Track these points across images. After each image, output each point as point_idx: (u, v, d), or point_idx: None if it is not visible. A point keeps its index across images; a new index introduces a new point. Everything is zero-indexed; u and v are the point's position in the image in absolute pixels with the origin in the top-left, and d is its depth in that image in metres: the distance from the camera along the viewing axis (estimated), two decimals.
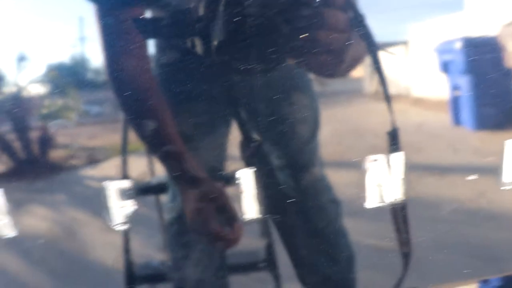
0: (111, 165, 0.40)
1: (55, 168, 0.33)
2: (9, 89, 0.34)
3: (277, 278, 0.47)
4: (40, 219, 0.39)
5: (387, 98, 0.44)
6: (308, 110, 0.45)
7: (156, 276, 0.58)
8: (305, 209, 0.47)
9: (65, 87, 0.32)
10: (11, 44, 0.30)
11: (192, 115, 0.40)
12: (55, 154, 0.33)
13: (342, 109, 0.52)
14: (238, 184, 0.38)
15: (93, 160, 0.33)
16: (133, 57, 0.35)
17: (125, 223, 0.38)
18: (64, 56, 0.31)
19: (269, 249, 0.47)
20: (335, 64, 0.38)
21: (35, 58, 0.32)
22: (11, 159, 0.34)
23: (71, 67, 0.32)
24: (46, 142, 0.33)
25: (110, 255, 0.47)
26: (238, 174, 0.38)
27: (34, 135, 0.32)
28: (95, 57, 0.34)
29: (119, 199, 0.37)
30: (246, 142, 0.41)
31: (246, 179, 0.38)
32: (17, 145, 0.34)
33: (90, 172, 0.39)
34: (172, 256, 0.53)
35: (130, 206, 0.39)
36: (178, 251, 0.52)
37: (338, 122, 0.48)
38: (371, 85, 0.43)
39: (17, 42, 0.31)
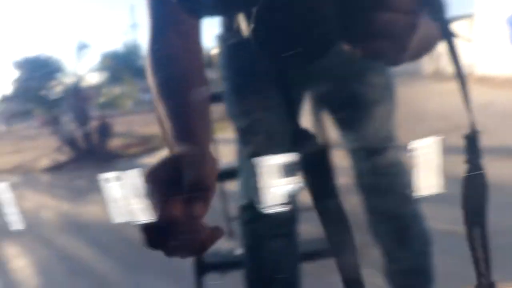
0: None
1: (114, 157, 0.34)
2: (69, 79, 0.39)
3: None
4: (102, 207, 0.38)
5: (465, 95, 0.39)
6: (383, 90, 0.42)
7: (225, 263, 0.47)
8: (380, 193, 0.41)
9: (120, 75, 0.35)
10: (69, 34, 0.37)
11: (260, 101, 0.39)
12: (113, 143, 0.35)
13: (399, 91, 0.49)
14: None
15: (150, 148, 0.34)
16: (179, 37, 0.37)
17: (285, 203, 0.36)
18: (117, 44, 0.36)
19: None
20: (396, 51, 0.36)
21: (92, 46, 0.37)
22: (72, 149, 0.37)
23: (124, 55, 0.36)
24: (105, 131, 0.35)
25: None
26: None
27: (93, 124, 0.35)
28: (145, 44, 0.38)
29: (279, 176, 0.36)
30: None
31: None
32: (77, 135, 0.37)
33: (148, 160, 0.39)
34: (245, 243, 0.45)
35: (294, 182, 0.36)
36: (251, 239, 0.45)
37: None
38: (430, 65, 0.42)
39: (75, 32, 0.37)
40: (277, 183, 0.35)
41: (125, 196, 0.34)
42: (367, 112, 0.40)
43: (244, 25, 0.35)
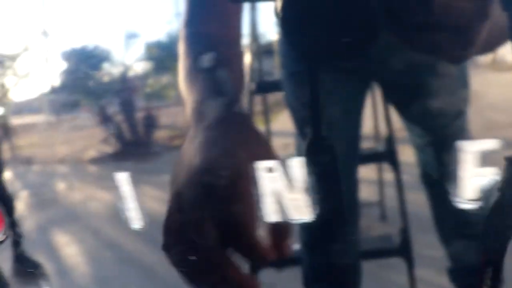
0: None
1: (160, 149, 0.33)
2: (116, 69, 0.37)
3: (411, 264, 0.36)
4: (149, 200, 0.37)
5: None
6: (455, 81, 0.38)
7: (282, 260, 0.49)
8: (448, 192, 0.38)
9: (165, 65, 0.33)
10: (114, 23, 0.35)
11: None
12: (159, 135, 0.34)
13: None
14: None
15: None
16: (217, 21, 0.35)
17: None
18: (161, 34, 0.34)
19: (404, 234, 0.37)
20: (459, 47, 0.31)
21: (140, 36, 0.35)
22: (118, 140, 0.36)
23: (169, 44, 0.34)
24: (151, 122, 0.34)
25: None
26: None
27: (139, 115, 0.34)
28: None
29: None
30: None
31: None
32: (124, 126, 0.35)
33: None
34: (304, 240, 0.44)
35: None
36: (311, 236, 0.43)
37: None
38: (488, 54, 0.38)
39: (120, 21, 0.35)
40: None
41: (279, 190, 0.32)
42: (435, 105, 0.37)
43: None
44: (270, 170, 0.31)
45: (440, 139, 0.39)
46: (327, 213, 0.34)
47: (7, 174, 0.46)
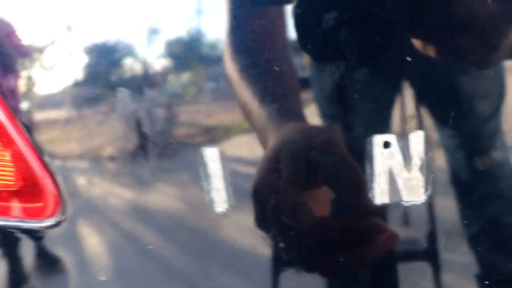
0: (232, 144, 0.38)
1: (179, 147, 0.33)
2: (138, 65, 0.37)
3: (437, 268, 0.36)
4: (167, 197, 0.37)
5: None
6: (489, 82, 0.38)
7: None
8: (480, 196, 0.37)
9: (185, 62, 0.33)
10: (139, 18, 0.35)
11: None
12: (178, 132, 0.34)
13: None
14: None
15: (213, 139, 0.33)
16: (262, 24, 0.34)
17: None
18: (181, 30, 0.34)
19: (432, 237, 0.37)
20: (484, 51, 0.30)
21: (162, 32, 0.35)
22: (138, 137, 0.36)
23: (189, 41, 0.34)
24: (170, 120, 0.34)
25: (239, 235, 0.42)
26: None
27: (159, 112, 0.34)
28: (211, 31, 0.36)
29: None
30: None
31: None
32: (144, 122, 0.36)
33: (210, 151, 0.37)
34: None
35: None
36: None
37: None
38: None
39: (141, 16, 0.35)
40: None
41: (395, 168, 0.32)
42: (468, 106, 0.36)
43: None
44: (386, 145, 0.30)
45: (472, 142, 0.38)
46: None
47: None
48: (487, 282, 0.41)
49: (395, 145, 0.29)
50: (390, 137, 0.29)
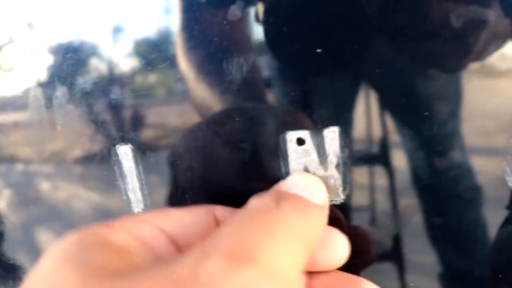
0: None
1: (147, 148, 0.32)
2: (103, 65, 0.35)
3: (402, 270, 0.37)
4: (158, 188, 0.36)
5: None
6: (446, 83, 0.38)
7: None
8: (440, 196, 0.38)
9: (153, 62, 0.32)
10: (104, 16, 0.33)
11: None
12: (146, 134, 0.33)
13: None
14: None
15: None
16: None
17: None
18: (150, 30, 0.33)
19: (397, 240, 0.38)
20: (456, 56, 0.30)
21: (127, 30, 0.34)
22: (105, 139, 0.35)
23: (157, 41, 0.33)
24: (138, 121, 0.33)
25: None
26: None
27: (126, 114, 0.33)
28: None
29: None
30: None
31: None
32: (111, 124, 0.35)
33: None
34: None
35: None
36: None
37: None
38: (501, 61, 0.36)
39: (108, 15, 0.33)
40: None
41: (310, 167, 0.31)
42: (426, 108, 0.37)
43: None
44: (300, 141, 0.29)
45: (431, 143, 0.39)
46: None
47: None
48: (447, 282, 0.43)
49: (309, 142, 0.29)
50: (304, 134, 0.29)
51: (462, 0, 0.25)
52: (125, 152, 0.33)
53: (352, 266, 0.30)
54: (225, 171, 0.35)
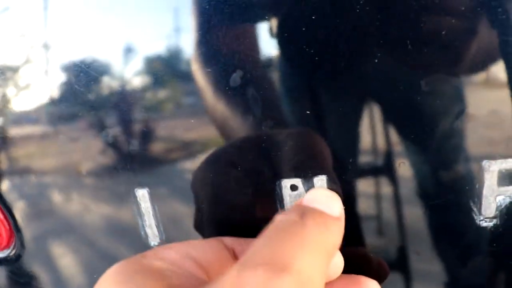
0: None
1: (156, 162, 0.34)
2: (115, 82, 0.38)
3: (408, 280, 0.38)
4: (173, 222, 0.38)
5: None
6: (451, 98, 0.39)
7: None
8: (444, 209, 0.39)
9: (163, 78, 0.35)
10: (115, 36, 0.35)
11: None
12: (155, 148, 0.35)
13: None
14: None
15: (191, 153, 0.34)
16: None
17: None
18: (160, 47, 0.35)
19: (401, 250, 0.38)
20: (449, 63, 0.32)
21: (138, 49, 0.36)
22: (115, 153, 0.37)
23: (168, 58, 0.35)
24: (147, 135, 0.35)
25: None
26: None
27: (136, 128, 0.35)
28: (188, 47, 0.37)
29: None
30: None
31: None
32: (121, 138, 0.36)
33: (189, 165, 0.38)
34: None
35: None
36: None
37: None
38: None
39: (120, 34, 0.36)
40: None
41: None
42: (431, 122, 0.38)
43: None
44: (293, 188, 0.32)
45: (436, 156, 0.40)
46: None
47: (4, 185, 0.46)
48: None
49: (301, 188, 0.32)
50: (296, 181, 0.32)
51: (453, 13, 0.26)
52: (142, 194, 0.37)
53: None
54: (235, 203, 0.37)
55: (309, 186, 0.32)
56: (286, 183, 0.32)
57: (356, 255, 0.36)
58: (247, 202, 0.34)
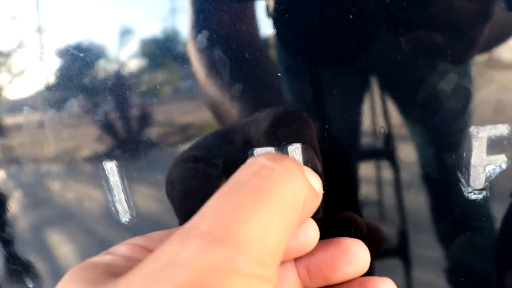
0: None
1: (154, 146, 0.33)
2: (110, 65, 0.36)
3: (408, 265, 0.38)
4: (144, 198, 0.37)
5: None
6: (458, 80, 0.38)
7: None
8: (448, 194, 0.38)
9: (160, 61, 0.33)
10: (110, 18, 0.34)
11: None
12: (153, 132, 0.34)
13: None
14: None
15: (188, 137, 0.33)
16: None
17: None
18: (156, 29, 0.34)
19: (403, 235, 0.38)
20: (462, 47, 0.30)
21: (135, 32, 0.35)
22: (112, 138, 0.35)
23: (164, 40, 0.34)
24: (145, 119, 0.34)
25: None
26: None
27: (133, 112, 0.34)
28: (185, 30, 0.36)
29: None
30: None
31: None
32: (117, 123, 0.35)
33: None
34: None
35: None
36: None
37: None
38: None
39: (114, 17, 0.34)
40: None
41: None
42: (436, 104, 0.37)
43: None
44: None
45: (441, 139, 0.39)
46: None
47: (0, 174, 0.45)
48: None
49: None
50: (270, 150, 0.31)
51: None
52: (110, 167, 0.36)
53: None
54: (201, 193, 0.36)
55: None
56: (259, 152, 0.31)
57: (346, 219, 0.35)
58: (219, 174, 0.33)
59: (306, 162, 0.33)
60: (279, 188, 0.18)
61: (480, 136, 0.29)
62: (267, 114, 0.33)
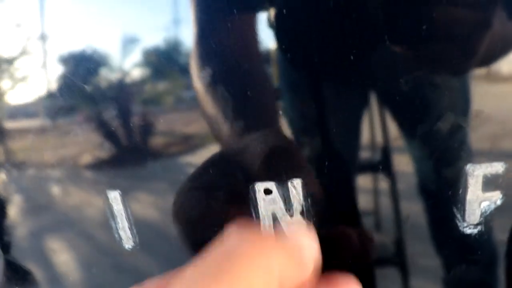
0: (210, 152, 0.38)
1: (156, 155, 0.33)
2: (113, 74, 0.37)
3: (406, 275, 0.37)
4: (145, 206, 0.37)
5: None
6: (455, 93, 0.38)
7: None
8: (446, 205, 0.38)
9: (163, 71, 0.34)
10: (114, 27, 0.34)
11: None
12: (155, 141, 0.34)
13: None
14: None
15: (191, 147, 0.33)
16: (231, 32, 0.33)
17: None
18: (158, 39, 0.34)
19: (399, 244, 0.38)
20: (462, 57, 0.30)
21: (139, 41, 0.35)
22: (114, 146, 0.36)
23: (167, 50, 0.34)
24: (147, 128, 0.34)
25: None
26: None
27: (135, 121, 0.34)
28: (188, 40, 0.36)
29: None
30: None
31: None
32: (120, 132, 0.35)
33: (188, 159, 0.37)
34: None
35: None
36: None
37: None
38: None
39: (118, 26, 0.35)
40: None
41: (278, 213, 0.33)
42: (435, 118, 0.37)
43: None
44: (267, 191, 0.31)
45: (439, 152, 0.39)
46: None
47: (1, 178, 0.46)
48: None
49: (275, 192, 0.31)
50: (270, 185, 0.32)
51: (465, 4, 0.26)
52: (114, 197, 0.36)
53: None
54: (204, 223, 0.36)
55: (283, 190, 0.32)
56: (260, 187, 0.32)
57: (332, 233, 0.35)
58: (222, 208, 0.33)
59: (306, 197, 0.33)
60: (245, 269, 0.19)
61: (476, 174, 0.30)
62: (261, 142, 0.33)
